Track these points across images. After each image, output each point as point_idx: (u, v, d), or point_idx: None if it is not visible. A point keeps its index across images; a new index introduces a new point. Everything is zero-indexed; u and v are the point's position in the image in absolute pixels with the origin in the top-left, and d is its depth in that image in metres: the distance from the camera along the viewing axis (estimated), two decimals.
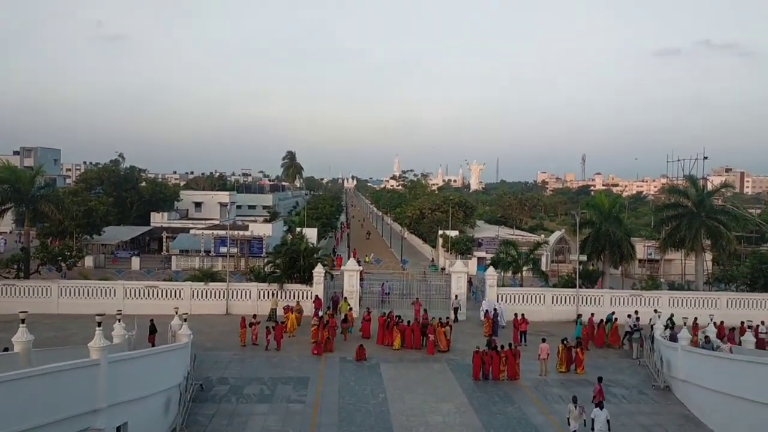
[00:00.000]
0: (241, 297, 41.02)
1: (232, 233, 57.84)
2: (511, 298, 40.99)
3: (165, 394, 21.47)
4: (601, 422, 20.39)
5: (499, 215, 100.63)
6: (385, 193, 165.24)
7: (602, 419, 20.42)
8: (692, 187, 48.95)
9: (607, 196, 61.08)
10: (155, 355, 22.11)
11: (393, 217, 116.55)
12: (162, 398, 21.21)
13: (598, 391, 23.82)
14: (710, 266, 54.92)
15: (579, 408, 21.10)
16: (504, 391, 26.79)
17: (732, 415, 22.26)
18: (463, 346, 32.82)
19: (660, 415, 24.52)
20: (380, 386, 27.08)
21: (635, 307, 39.22)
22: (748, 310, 39.47)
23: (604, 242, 45.00)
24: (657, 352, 29.13)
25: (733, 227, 49.62)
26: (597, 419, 20.45)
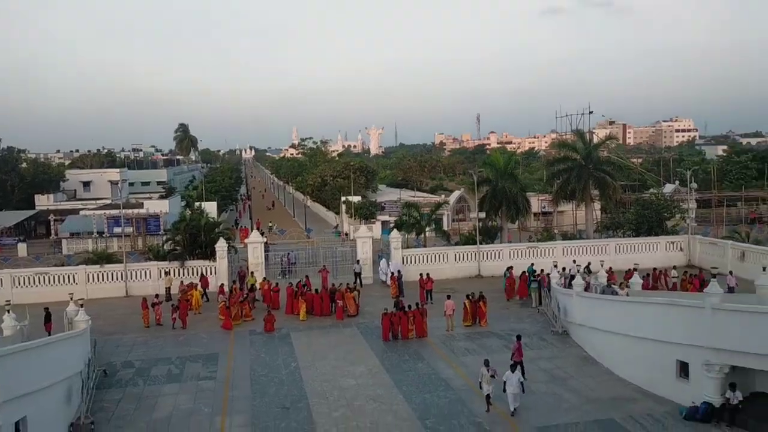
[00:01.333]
0: (141, 277, 39.47)
1: (126, 212, 55.30)
2: (415, 258, 41.77)
3: (65, 384, 20.43)
4: (513, 385, 20.06)
5: (400, 178, 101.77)
6: (285, 162, 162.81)
7: (514, 381, 20.08)
8: (580, 140, 51.43)
9: (502, 154, 63.04)
10: (51, 345, 20.91)
11: (295, 186, 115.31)
12: (62, 388, 20.18)
13: (517, 349, 23.71)
14: (599, 215, 58.21)
15: (491, 371, 20.64)
16: (414, 350, 27.44)
17: (624, 353, 23.93)
18: (372, 309, 33.24)
19: (559, 358, 25.99)
20: (292, 355, 27.04)
21: (532, 258, 41.16)
22: (635, 254, 42.28)
23: (501, 199, 46.59)
24: (554, 299, 30.72)
25: (619, 177, 52.80)
26: (509, 382, 20.10)
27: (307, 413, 20.99)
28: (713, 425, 19.22)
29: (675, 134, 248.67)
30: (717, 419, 19.27)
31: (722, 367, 19.43)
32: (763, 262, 35.64)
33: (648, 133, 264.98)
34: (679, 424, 19.49)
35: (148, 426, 20.55)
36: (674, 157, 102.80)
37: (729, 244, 41.68)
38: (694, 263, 43.33)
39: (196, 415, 21.22)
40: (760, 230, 55.57)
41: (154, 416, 21.26)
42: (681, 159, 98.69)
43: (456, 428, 19.60)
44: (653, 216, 47.89)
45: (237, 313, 32.23)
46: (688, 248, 44.35)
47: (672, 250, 44.40)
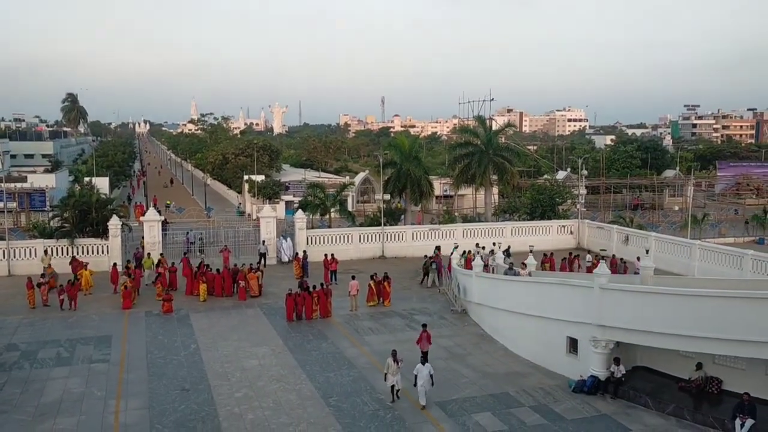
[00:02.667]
0: (25, 256, 37.01)
1: (7, 186, 51.48)
2: (320, 239, 41.66)
3: None
4: (423, 377, 19.39)
5: (305, 158, 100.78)
6: (183, 138, 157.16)
7: (425, 374, 19.41)
8: (481, 127, 52.86)
9: (407, 137, 63.85)
10: None
11: (194, 163, 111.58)
12: None
13: (425, 338, 22.93)
14: (497, 199, 60.31)
15: (397, 363, 19.63)
16: (318, 330, 27.47)
17: (518, 330, 25.06)
18: (276, 290, 32.92)
19: (459, 336, 26.86)
20: (191, 337, 26.34)
21: (434, 240, 42.17)
22: (529, 237, 44.24)
23: (405, 181, 47.21)
24: (454, 279, 31.64)
25: (516, 163, 54.76)
26: (420, 375, 19.39)
27: (207, 395, 20.55)
28: (599, 397, 20.56)
29: (567, 123, 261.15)
30: (602, 391, 20.63)
31: (608, 343, 20.78)
32: (645, 245, 38.34)
33: (543, 122, 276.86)
34: (568, 396, 20.70)
35: (36, 410, 19.41)
36: (566, 145, 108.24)
37: (614, 228, 44.45)
38: (583, 246, 45.87)
39: (88, 399, 20.26)
40: (643, 215, 59.64)
41: (43, 400, 20.09)
42: (573, 147, 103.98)
43: (359, 405, 19.84)
44: (547, 201, 50.22)
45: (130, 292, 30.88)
46: (578, 232, 46.88)
47: (563, 233, 46.79)
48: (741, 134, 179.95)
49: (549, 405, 20.06)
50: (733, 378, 19.05)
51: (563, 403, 20.25)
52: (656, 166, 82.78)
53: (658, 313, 19.44)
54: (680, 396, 19.51)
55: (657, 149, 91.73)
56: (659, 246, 39.29)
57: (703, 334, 18.29)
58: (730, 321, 17.86)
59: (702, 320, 18.39)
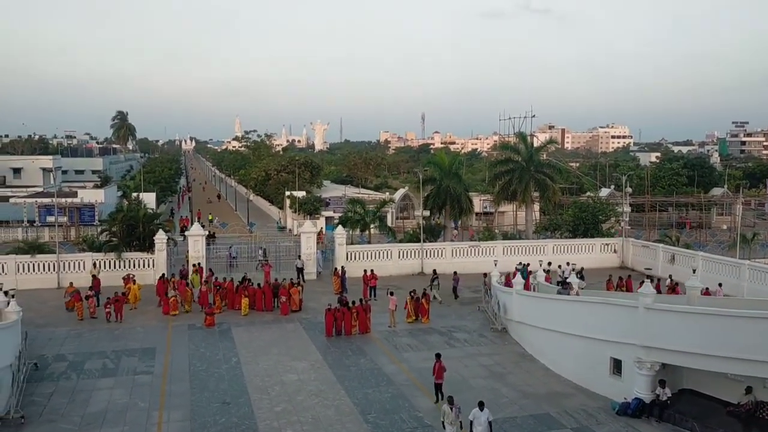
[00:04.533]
0: (75, 269, 38.08)
1: (58, 201, 53.24)
2: (359, 255, 41.81)
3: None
4: (482, 425, 17.49)
5: (345, 174, 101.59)
6: (227, 155, 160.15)
7: (483, 421, 17.50)
8: (522, 143, 52.56)
9: (447, 153, 63.93)
10: None
11: (237, 179, 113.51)
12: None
13: (438, 368, 21.37)
14: (538, 216, 59.68)
15: (455, 410, 17.78)
16: (357, 345, 27.51)
17: (560, 350, 24.63)
18: (315, 305, 33.13)
19: (499, 354, 26.54)
20: (232, 351, 26.67)
21: (473, 257, 42.00)
22: (571, 255, 43.51)
23: (445, 197, 47.18)
24: (494, 297, 31.34)
25: (558, 180, 54.21)
26: (476, 421, 17.54)
27: (248, 408, 20.76)
28: (643, 420, 20.02)
29: (611, 140, 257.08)
30: (647, 414, 20.09)
31: (653, 364, 20.27)
32: (692, 264, 37.33)
33: (585, 139, 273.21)
34: (612, 419, 20.22)
35: (82, 420, 19.90)
36: (610, 162, 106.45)
37: (660, 247, 43.44)
38: (627, 265, 44.94)
39: (132, 410, 20.68)
40: (689, 234, 58.19)
41: (88, 410, 20.60)
42: (616, 164, 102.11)
43: (398, 422, 19.76)
44: (589, 218, 49.44)
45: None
46: (621, 250, 45.95)
47: (606, 251, 45.92)
48: None
49: (591, 427, 19.63)
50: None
51: (606, 425, 19.79)
52: (703, 184, 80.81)
53: (705, 335, 18.91)
54: (728, 421, 18.86)
55: (704, 167, 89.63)
56: (707, 266, 38.17)
57: (753, 357, 17.72)
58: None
59: (752, 342, 17.81)
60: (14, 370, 21.25)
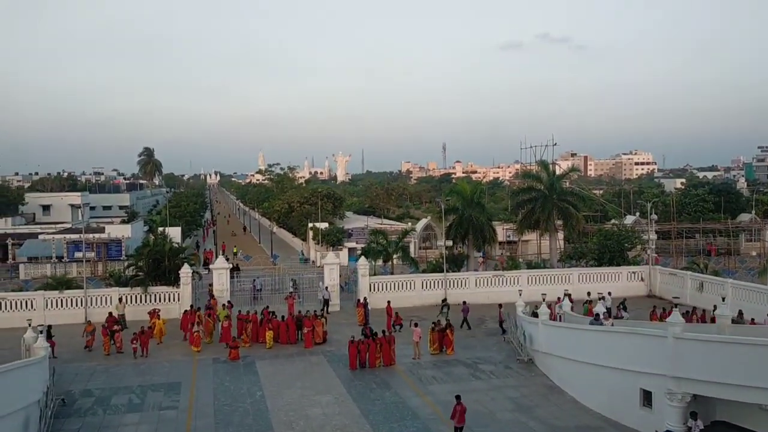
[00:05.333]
0: (101, 303, 38.49)
1: (86, 237, 54.14)
2: (382, 286, 41.76)
3: (23, 413, 19.80)
4: None
5: (367, 205, 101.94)
6: (251, 188, 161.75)
7: None
8: (544, 171, 52.32)
9: (469, 183, 63.92)
10: (8, 372, 20.24)
11: (261, 212, 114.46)
12: (20, 417, 19.55)
13: (459, 411, 20.48)
14: (562, 244, 59.12)
15: None
16: (381, 378, 27.31)
17: (588, 381, 24.20)
18: (339, 337, 33.02)
19: (526, 387, 26.14)
20: (257, 384, 26.64)
21: (498, 287, 41.74)
22: (597, 284, 42.90)
23: (467, 227, 47.04)
24: (520, 327, 30.98)
25: (581, 208, 53.74)
26: None
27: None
28: None
29: (635, 167, 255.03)
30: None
31: (684, 395, 19.80)
32: (720, 292, 36.60)
33: (608, 166, 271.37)
34: None
35: None
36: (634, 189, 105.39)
37: (688, 275, 42.69)
38: (654, 293, 44.21)
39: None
40: (718, 261, 57.12)
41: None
42: (641, 191, 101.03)
43: None
44: (615, 246, 48.83)
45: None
46: (648, 278, 45.26)
47: (633, 279, 45.25)
48: None
49: None
50: None
51: None
52: (730, 210, 79.47)
53: (737, 364, 18.46)
54: None
55: (731, 192, 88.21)
56: (736, 293, 37.36)
57: None
58: None
59: None
60: (42, 406, 21.47)
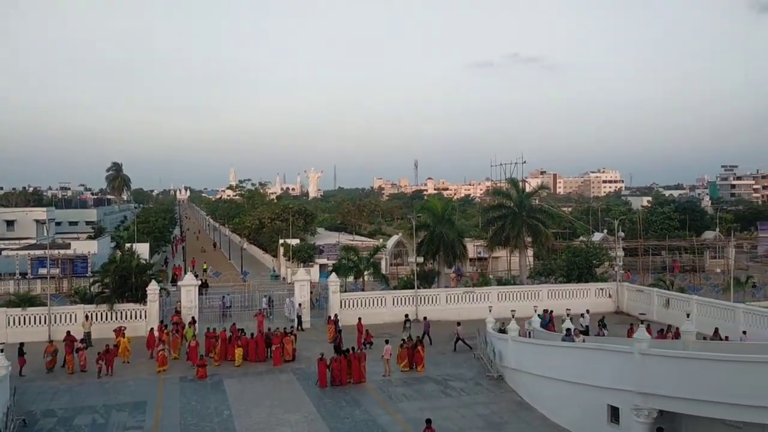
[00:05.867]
0: (66, 321, 37.64)
1: (51, 252, 52.98)
2: (353, 302, 41.63)
3: None
4: None
5: (339, 222, 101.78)
6: (222, 204, 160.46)
7: None
8: (514, 189, 52.91)
9: (440, 199, 64.19)
10: None
11: (231, 228, 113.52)
12: None
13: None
14: (532, 261, 59.64)
15: None
16: (351, 396, 27.11)
17: (557, 398, 24.35)
18: (309, 354, 32.75)
19: (495, 404, 26.18)
20: (224, 403, 26.23)
21: (468, 303, 41.93)
22: (566, 300, 43.35)
23: (438, 243, 47.25)
24: (490, 344, 31.09)
25: (550, 225, 54.41)
26: None
27: None
28: None
29: (602, 185, 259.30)
30: None
31: (650, 411, 20.02)
32: (686, 309, 37.26)
33: (577, 184, 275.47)
34: None
35: None
36: (602, 206, 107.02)
37: (655, 291, 43.39)
38: (622, 310, 44.82)
39: None
40: (683, 278, 58.16)
41: None
42: (608, 209, 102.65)
43: None
44: (583, 263, 49.44)
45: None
46: (616, 295, 45.89)
47: (601, 296, 45.83)
48: None
49: None
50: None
51: None
52: (695, 228, 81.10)
53: (702, 380, 18.76)
54: None
55: (695, 210, 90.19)
56: (701, 309, 38.12)
57: (751, 402, 17.53)
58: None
59: (749, 387, 17.65)
60: (1, 426, 20.83)
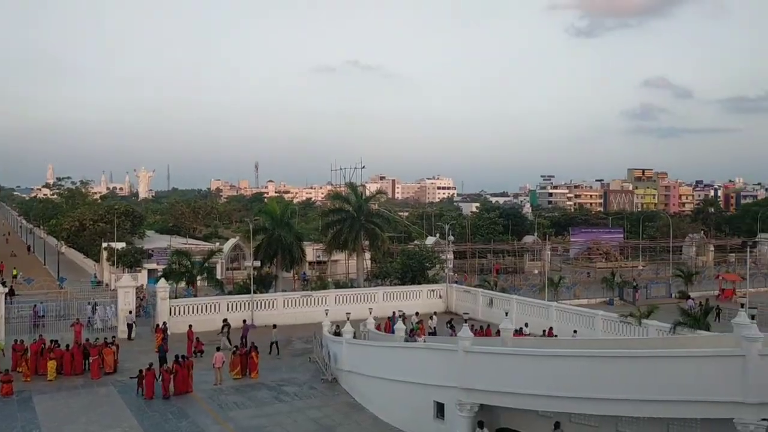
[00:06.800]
0: None
1: None
2: (185, 309, 39.80)
3: None
4: None
5: (172, 224, 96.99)
6: (36, 203, 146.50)
7: None
8: (352, 193, 53.72)
9: (279, 202, 63.56)
10: None
11: (47, 230, 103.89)
12: None
13: None
14: (369, 264, 60.86)
15: None
16: (178, 407, 25.76)
17: (388, 398, 24.90)
18: (133, 365, 30.61)
19: (328, 406, 26.20)
20: (33, 422, 23.78)
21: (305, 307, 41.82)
22: (400, 302, 44.72)
23: (276, 247, 46.61)
24: (325, 347, 31.12)
25: (387, 229, 55.87)
26: None
27: None
28: None
29: (437, 191, 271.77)
30: None
31: (472, 406, 21.06)
32: (507, 307, 39.92)
33: (414, 189, 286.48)
34: None
35: None
36: (436, 212, 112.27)
37: (480, 291, 46.13)
38: (451, 309, 47.09)
39: None
40: (506, 279, 62.46)
41: None
42: (441, 214, 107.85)
43: None
44: (417, 265, 51.39)
45: None
46: (446, 296, 48.16)
47: (433, 297, 47.89)
48: (591, 203, 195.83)
49: None
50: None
51: None
52: (517, 232, 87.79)
53: (516, 374, 20.10)
54: None
55: (517, 216, 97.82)
56: (520, 308, 41.10)
57: (558, 393, 19.04)
58: (581, 379, 18.77)
59: (556, 379, 19.18)
60: None
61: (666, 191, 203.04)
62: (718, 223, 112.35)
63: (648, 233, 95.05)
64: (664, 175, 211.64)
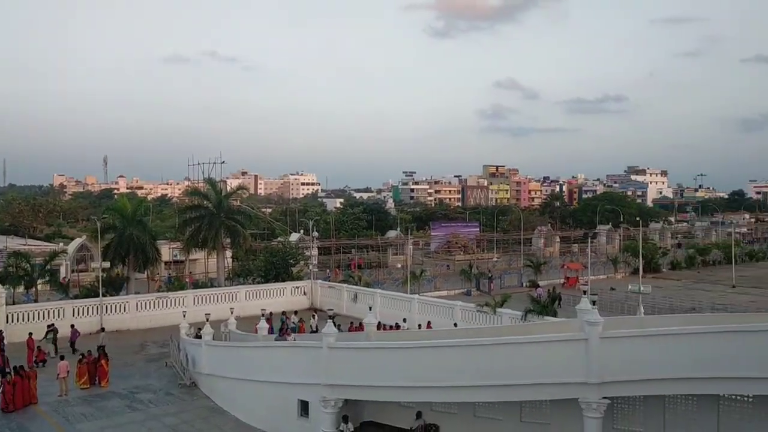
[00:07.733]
0: None
1: None
2: (24, 316, 36.45)
3: None
4: None
5: (8, 224, 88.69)
6: None
7: None
8: (212, 189, 51.85)
9: (131, 199, 59.88)
10: None
11: None
12: None
13: None
14: (230, 262, 59.17)
15: None
16: (18, 422, 23.48)
17: (251, 399, 24.23)
18: None
19: (186, 412, 25.03)
20: None
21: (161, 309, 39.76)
22: (263, 300, 43.80)
23: (128, 247, 43.90)
24: (183, 350, 29.74)
25: (249, 226, 54.56)
26: None
27: None
28: None
29: (301, 187, 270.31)
30: None
31: (337, 401, 20.98)
32: (371, 302, 40.45)
33: (277, 185, 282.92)
34: None
35: None
36: (300, 208, 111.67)
37: (344, 287, 46.36)
38: (316, 306, 46.91)
39: None
40: (370, 274, 63.31)
41: None
42: (305, 210, 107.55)
43: None
44: (280, 263, 50.66)
45: None
46: (311, 292, 47.91)
47: (297, 294, 47.48)
48: (450, 198, 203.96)
49: None
50: (449, 423, 20.56)
51: None
52: (381, 227, 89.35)
53: (378, 368, 20.31)
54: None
55: (381, 211, 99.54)
56: (384, 302, 41.79)
57: (417, 384, 19.47)
58: (437, 370, 19.28)
59: (414, 370, 19.59)
60: None
61: (517, 186, 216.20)
62: (563, 216, 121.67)
63: (501, 226, 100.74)
64: (515, 172, 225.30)
